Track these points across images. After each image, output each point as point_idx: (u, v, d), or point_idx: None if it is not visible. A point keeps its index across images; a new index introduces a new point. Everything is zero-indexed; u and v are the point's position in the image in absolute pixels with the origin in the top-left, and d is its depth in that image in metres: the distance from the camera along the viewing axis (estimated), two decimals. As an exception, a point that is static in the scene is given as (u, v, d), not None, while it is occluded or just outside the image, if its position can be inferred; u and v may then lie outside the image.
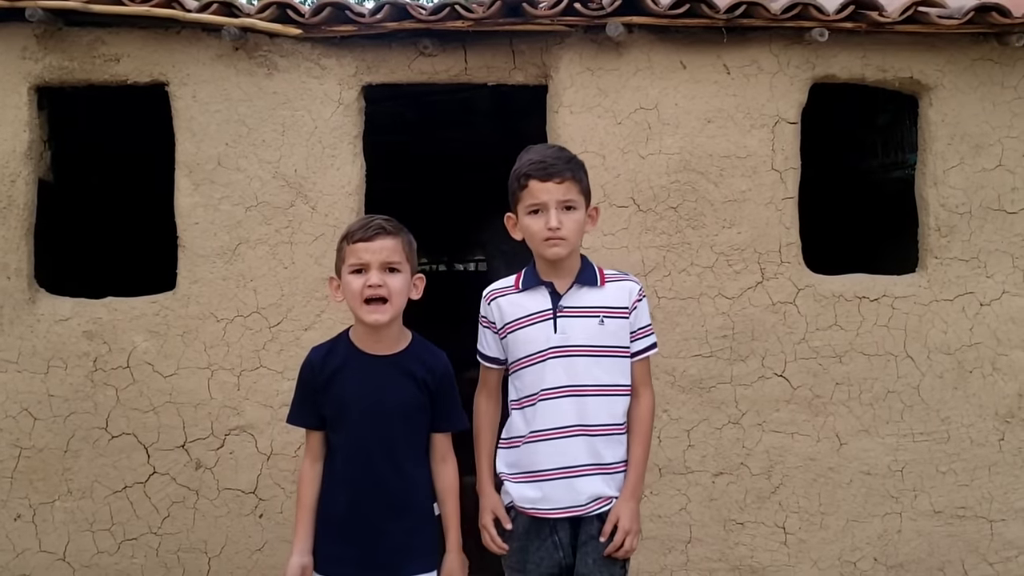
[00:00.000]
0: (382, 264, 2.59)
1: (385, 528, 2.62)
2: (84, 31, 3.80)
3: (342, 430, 2.66)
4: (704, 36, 3.86)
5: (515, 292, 2.80)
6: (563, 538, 2.72)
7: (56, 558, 3.79)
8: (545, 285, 2.76)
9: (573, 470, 2.70)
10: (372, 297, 2.59)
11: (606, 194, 3.83)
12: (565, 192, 2.66)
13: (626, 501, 2.72)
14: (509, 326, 2.78)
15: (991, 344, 3.97)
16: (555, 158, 2.68)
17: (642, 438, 2.77)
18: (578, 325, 2.71)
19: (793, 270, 3.90)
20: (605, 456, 2.72)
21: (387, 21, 3.69)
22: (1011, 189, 3.98)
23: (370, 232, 2.60)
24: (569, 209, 2.67)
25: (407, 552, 2.65)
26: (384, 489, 2.63)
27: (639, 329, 2.78)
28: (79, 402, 3.78)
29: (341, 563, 2.64)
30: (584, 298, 2.74)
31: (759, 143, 3.88)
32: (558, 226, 2.64)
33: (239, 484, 3.81)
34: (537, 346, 2.72)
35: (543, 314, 2.74)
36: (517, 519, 2.78)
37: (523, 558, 2.74)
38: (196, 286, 3.80)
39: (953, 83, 3.95)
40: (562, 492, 2.70)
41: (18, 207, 3.77)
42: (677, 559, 3.88)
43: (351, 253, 2.62)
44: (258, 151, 3.81)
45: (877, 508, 3.95)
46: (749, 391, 3.89)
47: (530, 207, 2.68)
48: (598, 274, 2.78)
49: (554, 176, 2.65)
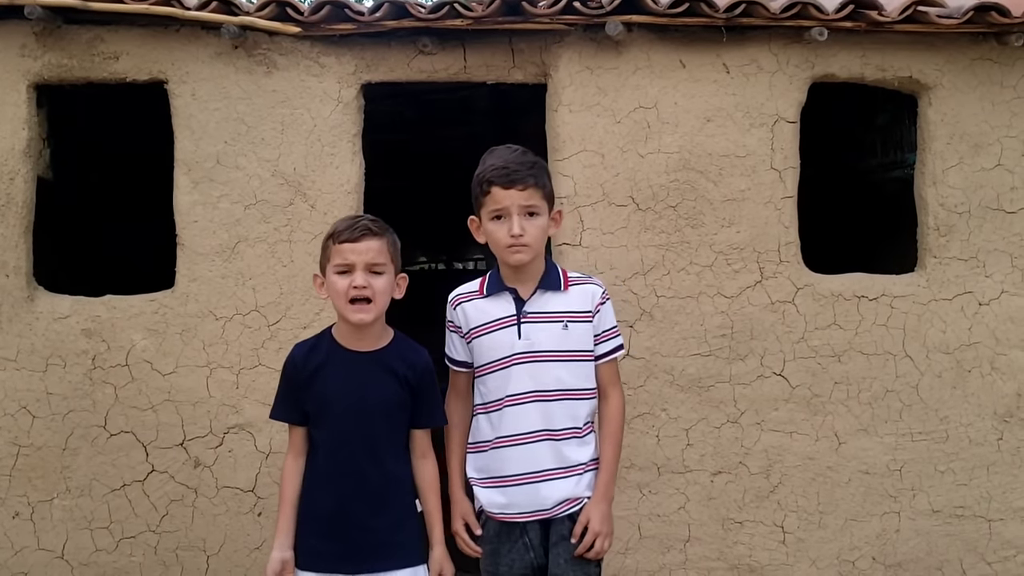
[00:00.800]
0: (367, 265, 2.61)
1: (368, 524, 2.63)
2: (83, 29, 3.79)
3: (324, 426, 2.67)
4: (703, 35, 3.85)
5: (479, 297, 2.81)
6: (533, 539, 2.73)
7: (54, 556, 3.79)
8: (509, 291, 2.76)
9: (540, 475, 2.71)
10: (357, 297, 2.61)
11: (605, 193, 3.83)
12: (528, 198, 2.66)
13: (596, 503, 2.72)
14: (474, 331, 2.79)
15: (990, 344, 3.97)
16: (518, 164, 2.68)
17: (612, 439, 2.77)
18: (542, 331, 2.72)
19: (792, 269, 3.90)
20: (572, 458, 2.73)
21: (386, 19, 3.69)
22: (1010, 188, 3.98)
23: (356, 233, 2.61)
24: (532, 215, 2.68)
25: (390, 547, 2.66)
26: (367, 484, 2.65)
27: (604, 332, 2.78)
28: (78, 400, 3.77)
29: (324, 558, 2.64)
30: (548, 303, 2.75)
31: (758, 142, 3.88)
32: (521, 233, 2.65)
33: (238, 482, 3.81)
34: (502, 352, 2.73)
35: (507, 320, 2.74)
36: (487, 523, 2.80)
37: (495, 561, 2.76)
38: (195, 284, 3.79)
39: (952, 82, 3.96)
40: (528, 497, 2.72)
41: (17, 205, 3.76)
42: (675, 558, 3.89)
43: (337, 253, 2.63)
44: (257, 149, 3.81)
45: (876, 507, 3.95)
46: (748, 390, 3.89)
47: (493, 213, 2.69)
48: (562, 278, 2.78)
49: (516, 183, 2.65)
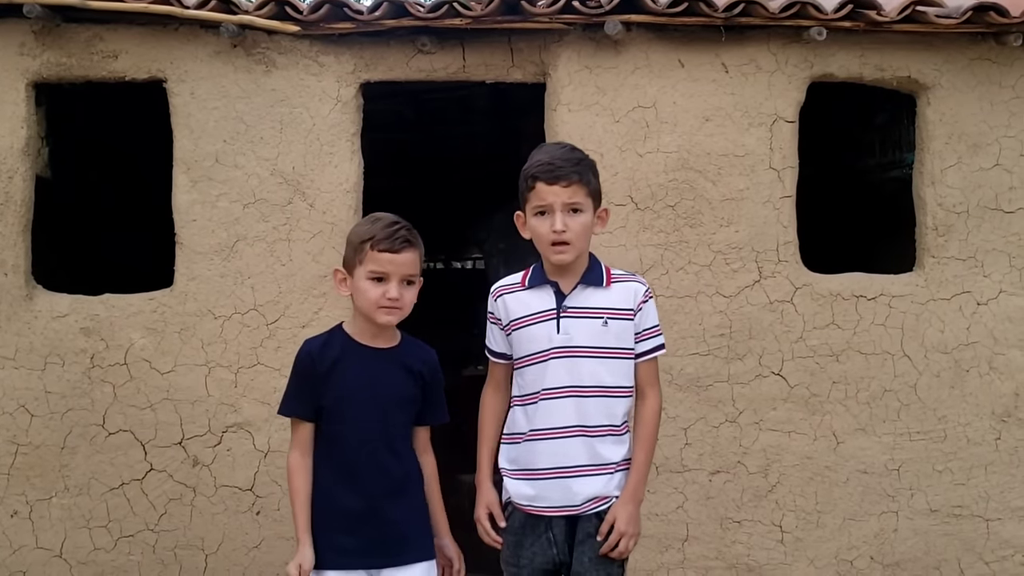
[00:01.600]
0: (403, 277, 2.60)
1: (391, 516, 2.63)
2: (82, 27, 3.79)
3: (343, 420, 2.64)
4: (702, 35, 3.86)
5: (521, 290, 2.79)
6: (557, 535, 2.71)
7: (53, 555, 3.79)
8: (550, 284, 2.74)
9: (571, 470, 2.69)
10: (388, 307, 2.60)
11: (604, 192, 3.82)
12: (571, 195, 2.63)
13: (624, 503, 2.70)
14: (514, 323, 2.77)
15: (988, 343, 3.98)
16: (563, 160, 2.65)
17: (646, 441, 2.74)
18: (581, 326, 2.70)
19: (790, 269, 3.90)
20: (605, 456, 2.71)
21: (385, 18, 3.70)
22: (1008, 188, 3.99)
23: (397, 244, 2.58)
24: (575, 212, 2.65)
25: (409, 540, 2.66)
26: (389, 478, 2.64)
27: (645, 330, 2.76)
28: (76, 399, 3.78)
29: (351, 554, 2.62)
30: (588, 299, 2.72)
31: (757, 142, 3.88)
32: (563, 229, 2.62)
33: (236, 481, 3.81)
34: (540, 345, 2.71)
35: (547, 313, 2.72)
36: (513, 514, 2.78)
37: (517, 552, 2.74)
38: (194, 283, 3.80)
39: (951, 82, 3.96)
40: (558, 492, 2.70)
41: (15, 203, 3.76)
42: (674, 557, 3.89)
43: (373, 260, 2.59)
44: (256, 148, 3.81)
45: (874, 507, 3.95)
46: (746, 390, 3.89)
47: (536, 208, 2.67)
48: (605, 274, 2.76)
49: (560, 179, 2.62)
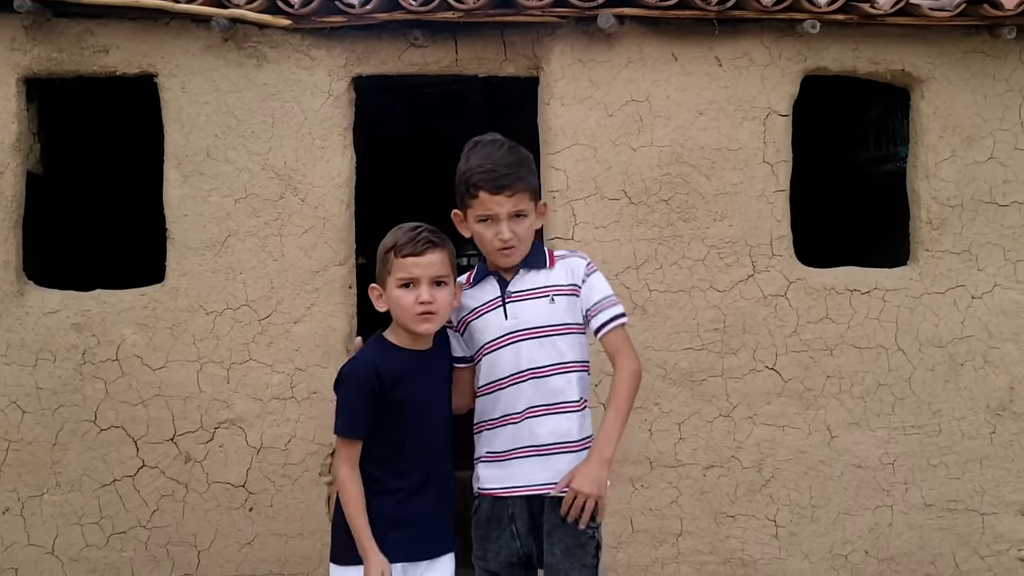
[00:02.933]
0: (431, 279, 2.60)
1: (435, 511, 2.71)
2: (73, 22, 3.77)
3: (405, 428, 2.66)
4: (696, 28, 3.84)
5: (468, 288, 2.82)
6: (521, 528, 2.71)
7: (44, 551, 3.78)
8: (492, 275, 2.78)
9: (538, 449, 2.69)
10: (423, 312, 2.60)
11: (597, 186, 3.83)
12: (516, 204, 2.64)
13: (585, 462, 2.62)
14: (464, 319, 2.80)
15: (982, 337, 3.97)
16: (506, 166, 2.63)
17: (616, 400, 2.66)
18: (528, 307, 2.71)
19: (784, 263, 3.90)
20: (573, 434, 2.70)
21: (377, 12, 3.68)
22: (1002, 182, 3.98)
23: (420, 247, 2.59)
24: (519, 217, 2.67)
25: (445, 529, 2.75)
26: (449, 480, 2.75)
27: (596, 303, 2.72)
28: (68, 395, 3.76)
29: (400, 547, 2.66)
30: (531, 280, 2.74)
31: (750, 135, 3.88)
32: (510, 237, 2.64)
33: (229, 477, 3.80)
34: (492, 334, 2.73)
35: (493, 302, 2.75)
36: (480, 506, 2.80)
37: (484, 547, 2.77)
38: (185, 279, 3.78)
39: (945, 75, 3.95)
40: (524, 470, 2.70)
41: (6, 199, 3.75)
42: (668, 552, 3.88)
43: (400, 267, 2.60)
44: (247, 143, 3.79)
45: (868, 501, 3.95)
46: (740, 384, 3.89)
47: (480, 216, 2.68)
48: (548, 256, 2.77)
49: (504, 189, 2.62)
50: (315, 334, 3.79)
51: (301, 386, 3.79)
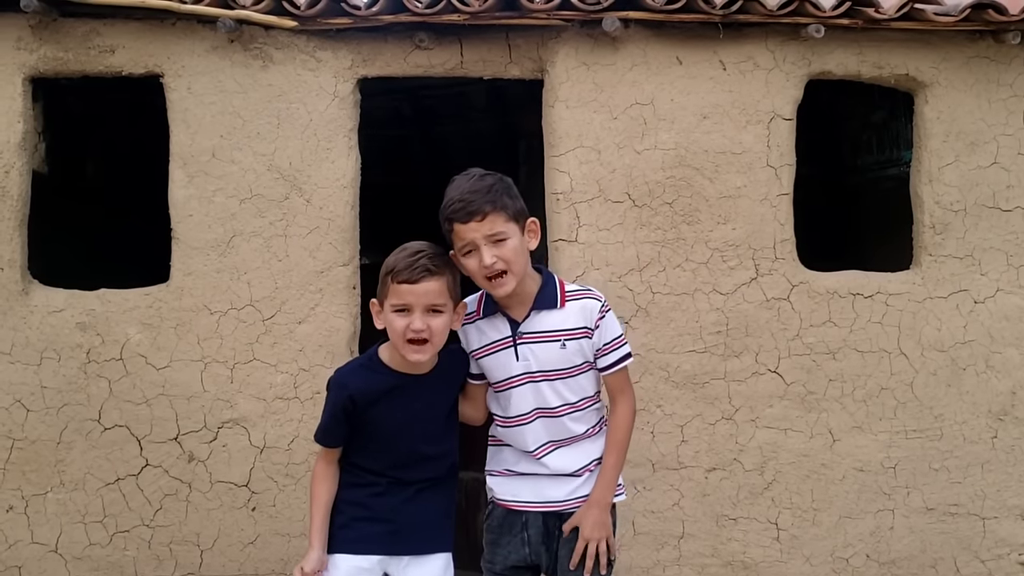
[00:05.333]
0: (426, 307, 2.56)
1: (415, 510, 2.71)
2: (79, 22, 3.78)
3: (385, 444, 2.68)
4: (700, 32, 3.85)
5: (478, 319, 2.76)
6: (533, 535, 2.73)
7: (48, 550, 3.79)
8: (502, 312, 2.72)
9: (557, 475, 2.73)
10: (414, 339, 2.58)
11: (601, 189, 3.83)
12: (490, 227, 2.55)
13: (588, 507, 2.69)
14: (475, 353, 2.77)
15: (985, 342, 3.98)
16: (472, 193, 2.56)
17: (614, 446, 2.73)
18: (539, 351, 2.68)
19: (787, 266, 3.90)
20: (582, 461, 2.74)
21: (383, 14, 3.68)
22: (1006, 187, 3.98)
23: (416, 274, 2.54)
24: (500, 241, 2.57)
25: (443, 535, 2.75)
26: (445, 480, 2.78)
27: (606, 344, 2.71)
28: (72, 394, 3.77)
29: (365, 541, 2.67)
30: (543, 322, 2.69)
31: (754, 139, 3.88)
32: (493, 261, 2.55)
33: (232, 477, 3.81)
34: (503, 373, 2.72)
35: (503, 342, 2.71)
36: (493, 511, 2.82)
37: (493, 551, 2.78)
38: (190, 278, 3.79)
39: (949, 80, 3.96)
40: (545, 489, 2.74)
41: (12, 198, 3.75)
42: (670, 554, 3.89)
43: (395, 293, 2.57)
44: (253, 143, 3.80)
45: (870, 505, 3.95)
46: (743, 387, 3.89)
47: (463, 249, 2.60)
48: (559, 293, 2.71)
49: (474, 215, 2.54)
50: (319, 334, 3.80)
51: (305, 386, 3.80)
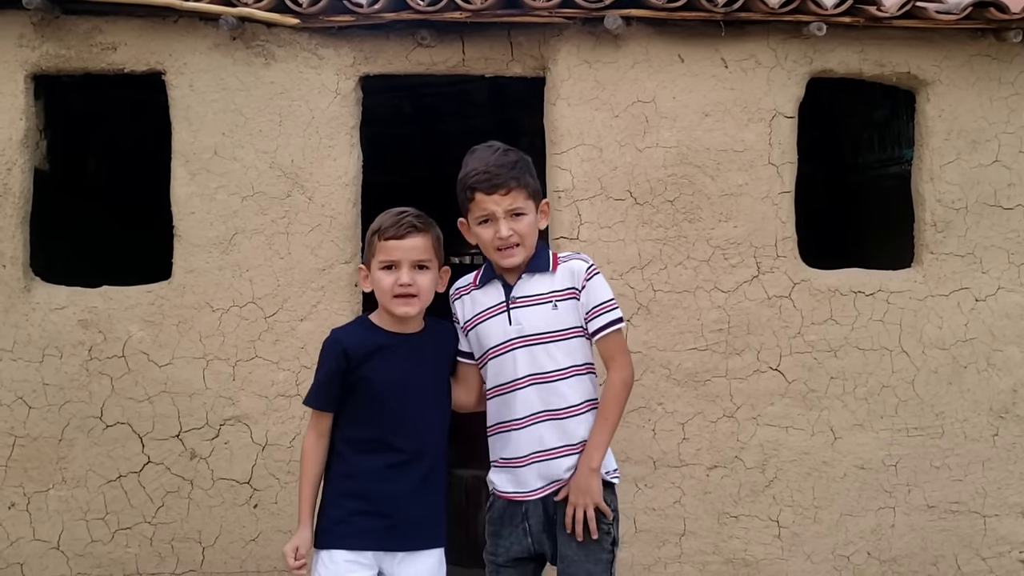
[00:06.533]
0: (412, 263, 2.64)
1: (410, 501, 2.68)
2: (81, 19, 3.78)
3: (373, 407, 2.68)
4: (702, 30, 3.85)
5: (474, 289, 2.85)
6: (534, 525, 2.74)
7: (50, 547, 3.79)
8: (499, 279, 2.80)
9: (546, 453, 2.72)
10: (402, 294, 2.64)
11: (603, 187, 3.83)
12: (512, 202, 2.68)
13: (576, 473, 2.69)
14: (469, 322, 2.82)
15: (986, 340, 3.98)
16: (499, 167, 2.68)
17: (605, 407, 2.72)
18: (531, 314, 2.73)
19: (789, 264, 3.90)
20: (577, 436, 2.73)
21: (385, 12, 3.68)
22: (1007, 185, 3.99)
23: (402, 230, 2.63)
24: (518, 216, 2.70)
25: (423, 526, 2.71)
26: (436, 470, 2.74)
27: (595, 307, 2.73)
28: (74, 391, 3.77)
29: (362, 536, 2.65)
30: (535, 285, 2.76)
31: (756, 137, 3.88)
32: (509, 234, 2.67)
33: (234, 474, 3.81)
34: (496, 339, 2.75)
35: (498, 307, 2.77)
36: (494, 503, 2.83)
37: (495, 543, 2.80)
38: (192, 276, 3.79)
39: (950, 79, 3.96)
40: (536, 475, 2.73)
41: (14, 195, 3.75)
42: (671, 552, 3.89)
43: (382, 249, 2.65)
44: (255, 141, 3.81)
45: (871, 502, 3.95)
46: (744, 385, 3.89)
47: (479, 218, 2.72)
48: (551, 260, 2.79)
49: (499, 188, 2.66)
50: (321, 332, 3.77)
51: (306, 384, 3.73)
